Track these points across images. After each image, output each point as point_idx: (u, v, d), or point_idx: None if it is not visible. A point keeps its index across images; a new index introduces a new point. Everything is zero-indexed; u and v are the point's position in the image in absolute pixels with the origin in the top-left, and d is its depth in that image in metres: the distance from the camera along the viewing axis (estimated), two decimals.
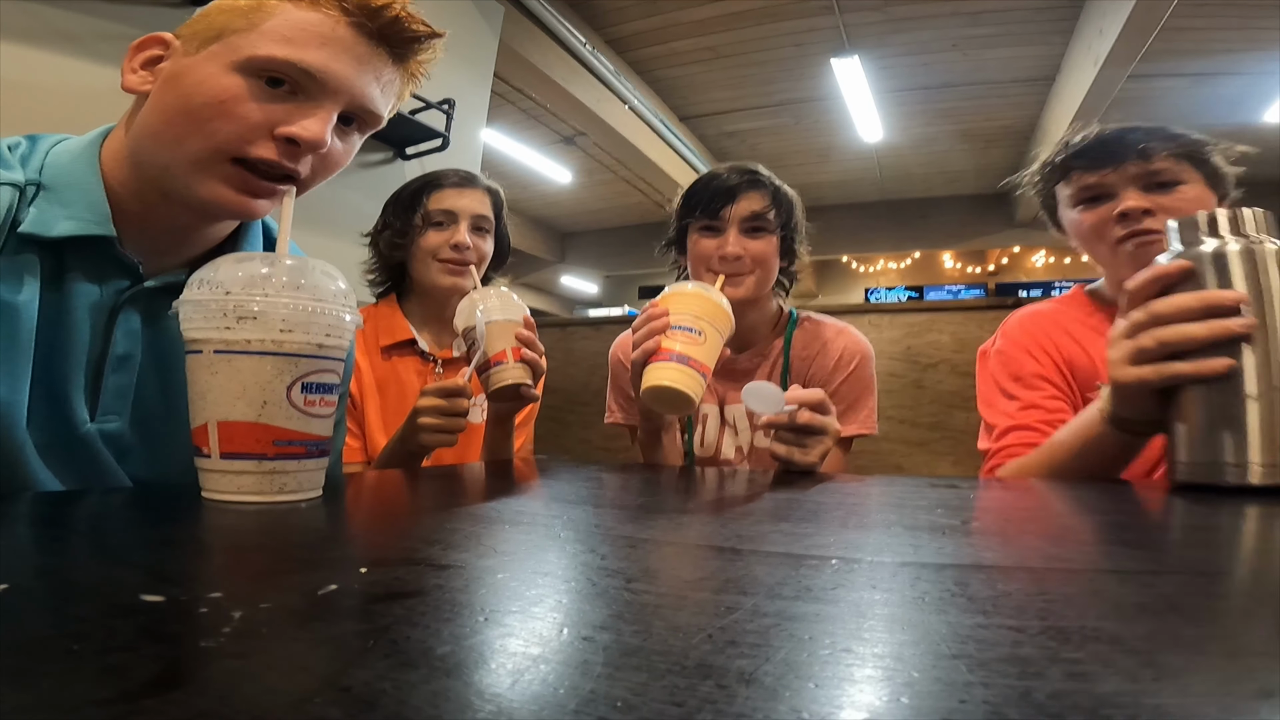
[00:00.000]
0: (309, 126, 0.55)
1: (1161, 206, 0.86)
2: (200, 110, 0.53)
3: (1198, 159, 0.87)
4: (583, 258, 9.54)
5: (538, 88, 4.12)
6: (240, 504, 0.45)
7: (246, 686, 0.16)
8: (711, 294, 0.80)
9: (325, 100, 0.56)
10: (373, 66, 0.58)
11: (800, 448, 0.74)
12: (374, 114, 0.61)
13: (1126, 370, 0.60)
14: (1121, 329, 0.62)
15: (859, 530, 0.41)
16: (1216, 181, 0.88)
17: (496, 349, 0.85)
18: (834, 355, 1.06)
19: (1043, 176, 0.96)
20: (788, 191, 1.06)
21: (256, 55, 0.53)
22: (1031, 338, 0.94)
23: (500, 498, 0.55)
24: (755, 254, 1.00)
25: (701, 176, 1.07)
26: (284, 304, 0.46)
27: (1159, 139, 0.86)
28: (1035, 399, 0.89)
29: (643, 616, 0.23)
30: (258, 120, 0.54)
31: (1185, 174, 0.86)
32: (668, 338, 0.75)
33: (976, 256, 10.49)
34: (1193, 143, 0.87)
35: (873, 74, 4.71)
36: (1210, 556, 0.36)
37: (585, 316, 4.68)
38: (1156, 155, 0.85)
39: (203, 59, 0.54)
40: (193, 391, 0.47)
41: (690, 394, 0.72)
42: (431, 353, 1.14)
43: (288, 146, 0.55)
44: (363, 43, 0.57)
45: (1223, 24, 3.98)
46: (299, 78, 0.55)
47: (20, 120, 1.29)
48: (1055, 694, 0.16)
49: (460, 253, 1.09)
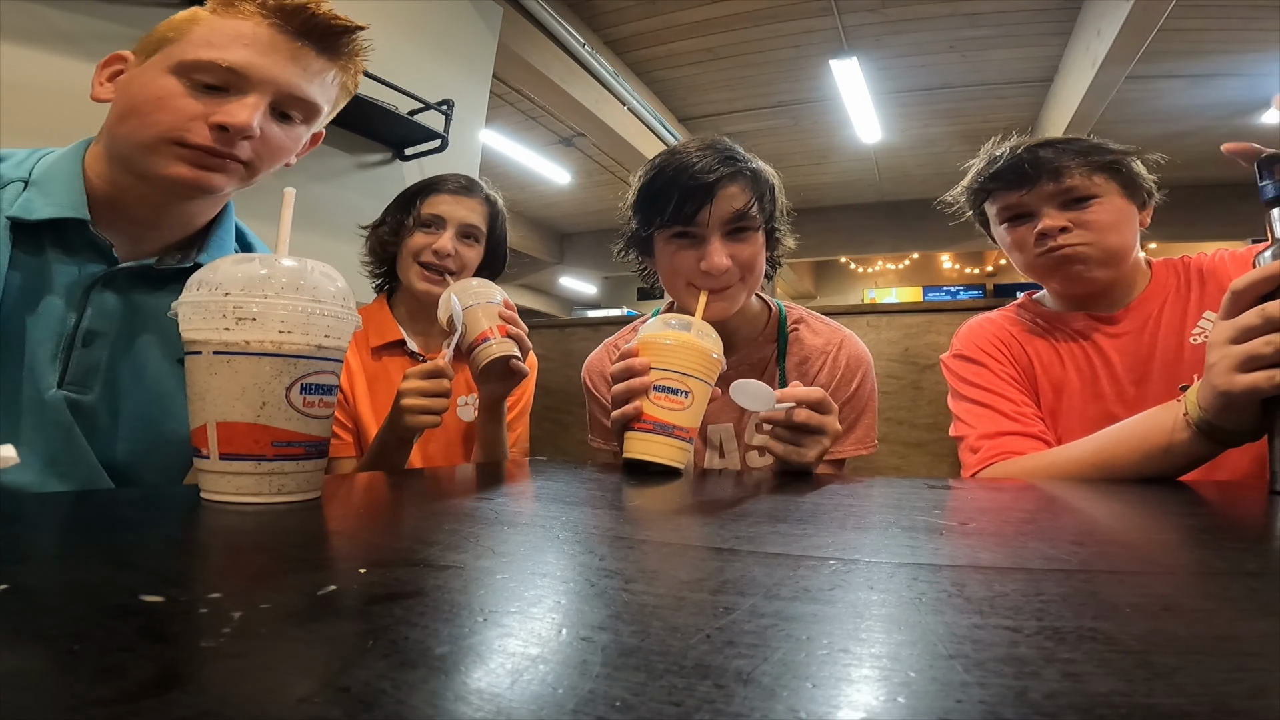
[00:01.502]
0: (234, 113, 0.63)
1: (1078, 222, 0.89)
2: (143, 106, 0.63)
3: (1112, 170, 0.89)
4: (581, 259, 9.54)
5: (536, 89, 4.12)
6: (239, 505, 0.45)
7: (246, 686, 0.16)
8: (697, 339, 0.73)
9: (251, 92, 0.65)
10: (297, 60, 0.67)
11: (797, 446, 0.71)
12: (307, 102, 0.69)
13: (1236, 378, 0.56)
14: (1226, 334, 0.58)
15: (856, 531, 0.41)
16: (1134, 190, 0.90)
17: (481, 328, 0.87)
18: (839, 369, 0.96)
19: (969, 197, 1.00)
20: (764, 172, 0.91)
21: (185, 59, 0.63)
22: (986, 341, 0.97)
23: (499, 499, 0.55)
24: (744, 260, 0.87)
25: (662, 163, 0.88)
26: (283, 305, 0.46)
27: (1071, 155, 0.88)
28: (1008, 409, 0.90)
29: (641, 617, 0.23)
30: (193, 112, 0.63)
31: (1099, 187, 0.89)
32: (650, 401, 0.71)
33: (974, 258, 10.51)
34: (1106, 155, 0.89)
35: (871, 75, 4.71)
36: (1208, 557, 0.36)
37: (584, 317, 4.68)
38: (1068, 173, 0.88)
39: (147, 67, 0.65)
40: (191, 392, 0.47)
41: (676, 465, 0.70)
42: (420, 353, 1.14)
43: (220, 133, 0.64)
44: (284, 39, 0.66)
45: (1220, 25, 3.99)
46: (224, 74, 0.63)
47: (20, 120, 1.29)
48: (1051, 694, 0.16)
49: (440, 259, 1.09)
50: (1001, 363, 0.94)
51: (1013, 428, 0.87)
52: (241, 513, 0.43)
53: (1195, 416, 0.62)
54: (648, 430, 0.71)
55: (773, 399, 0.69)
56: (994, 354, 0.95)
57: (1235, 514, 0.51)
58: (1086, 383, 0.90)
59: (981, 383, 0.93)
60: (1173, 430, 0.64)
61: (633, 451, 0.71)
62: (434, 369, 0.86)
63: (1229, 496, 0.60)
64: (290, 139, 0.70)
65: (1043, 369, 0.93)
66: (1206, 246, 0.99)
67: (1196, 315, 0.87)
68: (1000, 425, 0.88)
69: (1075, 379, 0.91)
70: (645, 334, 0.75)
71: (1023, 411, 0.89)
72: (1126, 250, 0.90)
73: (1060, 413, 0.91)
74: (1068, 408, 0.91)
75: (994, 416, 0.89)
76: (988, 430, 0.88)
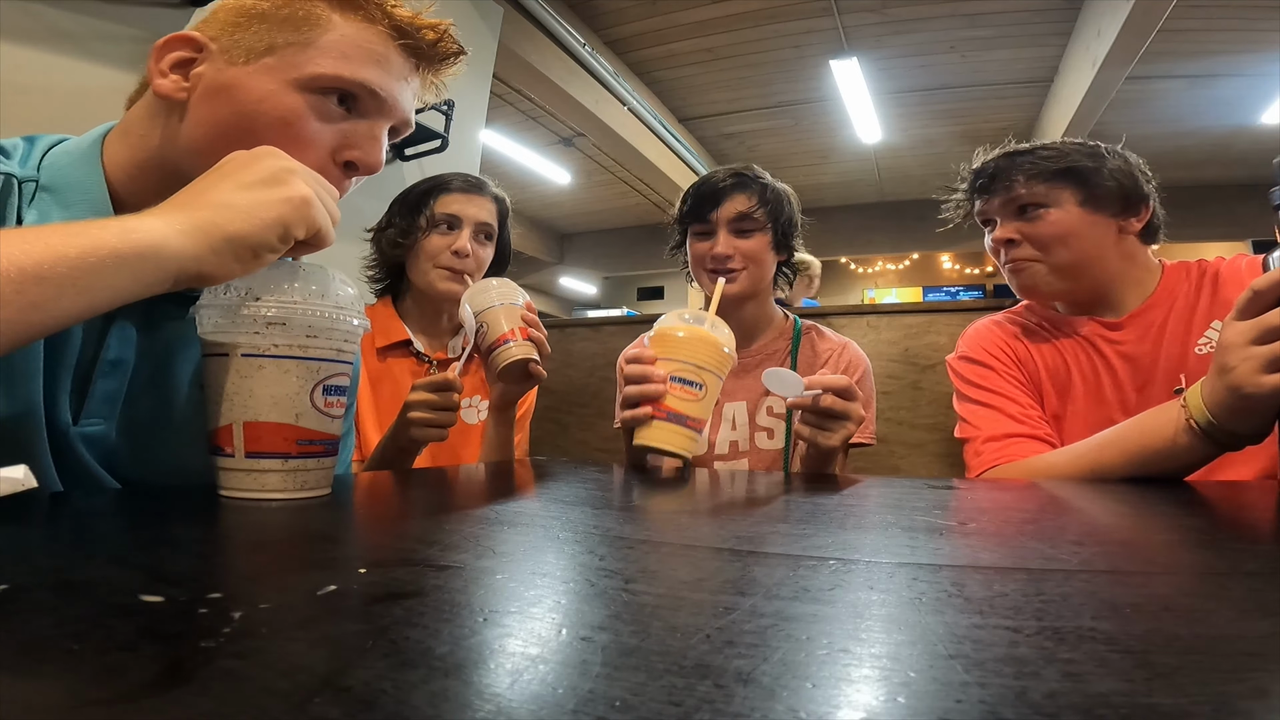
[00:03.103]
0: (372, 153, 0.56)
1: (1024, 233, 0.89)
2: (265, 131, 0.52)
3: (1068, 177, 0.87)
4: (581, 259, 9.54)
5: (537, 89, 4.12)
6: (262, 501, 0.47)
7: (246, 686, 0.16)
8: (709, 332, 0.75)
9: (380, 119, 0.57)
10: (410, 82, 0.60)
11: (824, 431, 0.75)
12: (409, 126, 0.62)
13: (1263, 379, 0.55)
14: (1248, 334, 0.56)
15: (856, 531, 0.41)
16: (1097, 198, 0.88)
17: (503, 329, 0.86)
18: (841, 365, 1.09)
19: (961, 203, 1.01)
20: (778, 188, 1.08)
21: (322, 74, 0.53)
22: (991, 343, 0.97)
23: (498, 499, 0.55)
24: (745, 252, 1.04)
25: (696, 181, 1.11)
26: (311, 311, 0.48)
27: (1023, 165, 0.89)
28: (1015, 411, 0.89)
29: (641, 617, 0.23)
30: (323, 142, 0.54)
31: (1054, 197, 0.88)
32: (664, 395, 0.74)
33: (974, 258, 10.49)
34: (1059, 162, 0.87)
35: (871, 75, 4.71)
36: (1208, 557, 0.36)
37: (584, 317, 4.68)
38: (1020, 183, 0.88)
39: (256, 72, 0.53)
40: (214, 393, 0.48)
41: (685, 454, 0.73)
42: (426, 354, 1.14)
43: (345, 169, 0.56)
44: (406, 61, 0.58)
45: (1220, 25, 3.99)
46: (362, 96, 0.55)
47: (20, 120, 1.29)
48: (1051, 694, 0.16)
49: (460, 260, 1.09)
50: (1007, 365, 0.94)
51: (1019, 429, 0.87)
52: (241, 512, 0.43)
53: (1201, 419, 0.61)
54: (660, 419, 0.73)
55: (801, 386, 0.72)
56: (999, 356, 0.95)
57: (1235, 514, 0.51)
58: (1090, 388, 0.90)
59: (987, 384, 0.93)
60: (1174, 434, 0.63)
61: (644, 439, 0.73)
62: (443, 382, 0.86)
63: (1229, 496, 0.60)
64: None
65: (1048, 372, 0.93)
66: (1206, 247, 0.99)
67: (1204, 324, 0.85)
68: (1006, 427, 0.88)
69: (1079, 383, 0.91)
70: (661, 326, 0.78)
71: (1028, 414, 0.89)
72: (1087, 260, 0.89)
73: (1065, 416, 0.91)
74: (1072, 412, 0.90)
75: (1000, 418, 0.89)
76: (993, 432, 0.88)
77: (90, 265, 0.39)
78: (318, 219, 0.48)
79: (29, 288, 0.37)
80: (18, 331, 0.37)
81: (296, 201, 0.46)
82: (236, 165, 0.48)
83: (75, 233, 0.40)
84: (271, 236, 0.45)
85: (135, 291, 0.41)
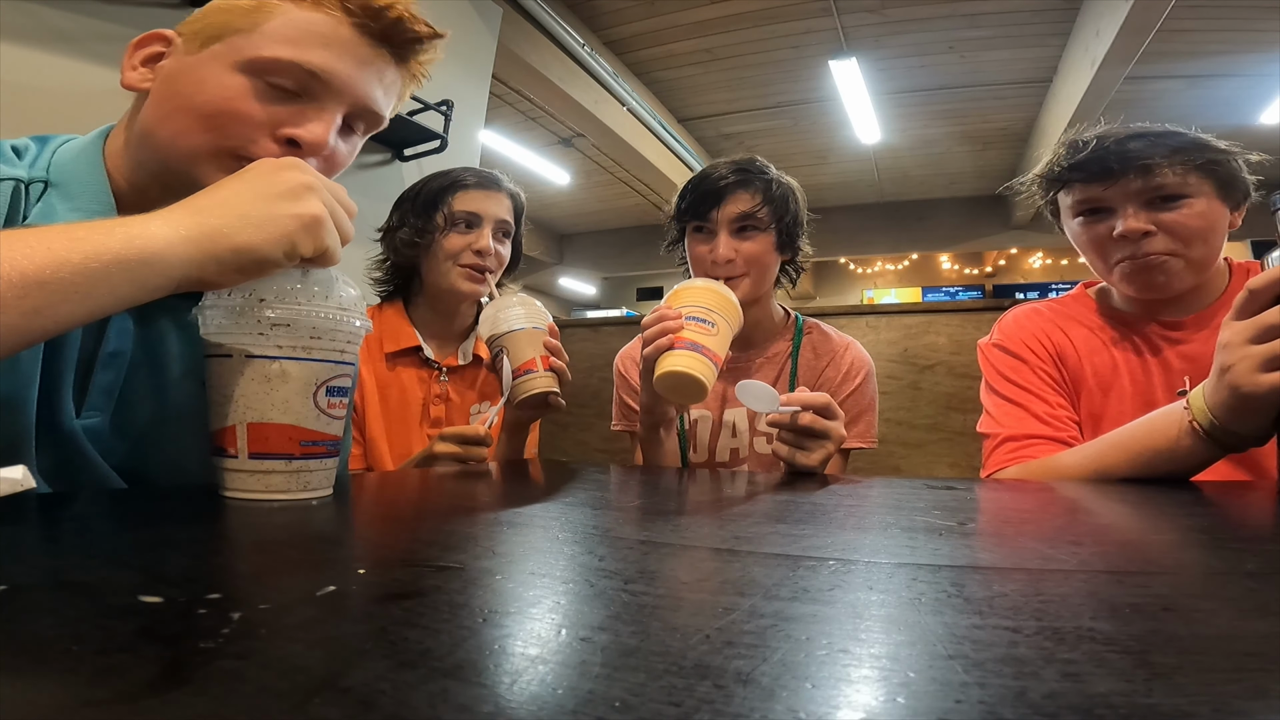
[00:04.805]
0: (312, 129, 0.55)
1: (1162, 225, 0.80)
2: (202, 108, 0.53)
3: (1207, 168, 0.80)
4: (581, 259, 9.54)
5: (536, 89, 4.12)
6: (266, 502, 0.47)
7: (246, 687, 0.16)
8: (721, 288, 0.80)
9: (329, 102, 0.57)
10: (375, 68, 0.59)
11: (802, 450, 0.73)
12: (377, 115, 0.61)
13: (1260, 378, 0.54)
14: (1245, 333, 0.55)
15: (856, 531, 0.41)
16: (1229, 191, 0.82)
17: (525, 357, 0.83)
18: (843, 367, 1.05)
19: (1043, 184, 0.91)
20: (783, 183, 1.03)
21: (260, 56, 0.54)
22: (1030, 335, 0.92)
23: (498, 499, 0.55)
24: (748, 255, 0.99)
25: (696, 174, 1.06)
26: (315, 313, 0.48)
27: (1163, 150, 0.79)
28: (1041, 411, 0.86)
29: (640, 617, 0.23)
30: (260, 120, 0.54)
31: (1192, 186, 0.80)
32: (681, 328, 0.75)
33: (974, 258, 10.51)
34: (1202, 152, 0.80)
35: (870, 76, 4.71)
36: (1208, 557, 0.36)
37: (583, 318, 4.69)
38: (1159, 169, 0.79)
39: (205, 58, 0.55)
40: (216, 394, 0.48)
41: (703, 379, 0.71)
42: (436, 360, 1.10)
43: (289, 147, 0.55)
44: (365, 44, 0.58)
45: (1219, 25, 3.99)
46: (303, 79, 0.55)
47: (20, 120, 1.29)
48: (1050, 694, 0.16)
49: (482, 259, 1.06)
50: (1042, 360, 0.89)
51: (1043, 431, 0.84)
52: (241, 513, 0.43)
53: (1204, 421, 0.60)
54: (679, 348, 0.73)
55: (777, 400, 0.70)
56: (1035, 349, 0.90)
57: (1235, 514, 0.51)
58: (1140, 389, 0.85)
59: (1017, 379, 0.89)
60: (1177, 435, 0.63)
61: (663, 366, 0.73)
62: (473, 436, 0.84)
63: (1229, 496, 0.60)
64: (351, 152, 0.63)
65: (1092, 369, 0.87)
66: None
67: None
68: (1029, 428, 0.84)
69: (1127, 383, 0.85)
70: (677, 287, 0.81)
71: (1056, 414, 0.85)
72: (1213, 257, 0.83)
73: (1106, 416, 0.86)
74: (1116, 412, 0.85)
75: (1024, 418, 0.86)
76: (1015, 432, 0.85)
77: (93, 271, 0.39)
78: (326, 240, 0.48)
79: (31, 293, 0.37)
80: (18, 336, 0.38)
81: (307, 220, 0.47)
82: (258, 174, 0.48)
83: (78, 238, 0.40)
84: (277, 252, 0.45)
85: (137, 297, 0.42)
